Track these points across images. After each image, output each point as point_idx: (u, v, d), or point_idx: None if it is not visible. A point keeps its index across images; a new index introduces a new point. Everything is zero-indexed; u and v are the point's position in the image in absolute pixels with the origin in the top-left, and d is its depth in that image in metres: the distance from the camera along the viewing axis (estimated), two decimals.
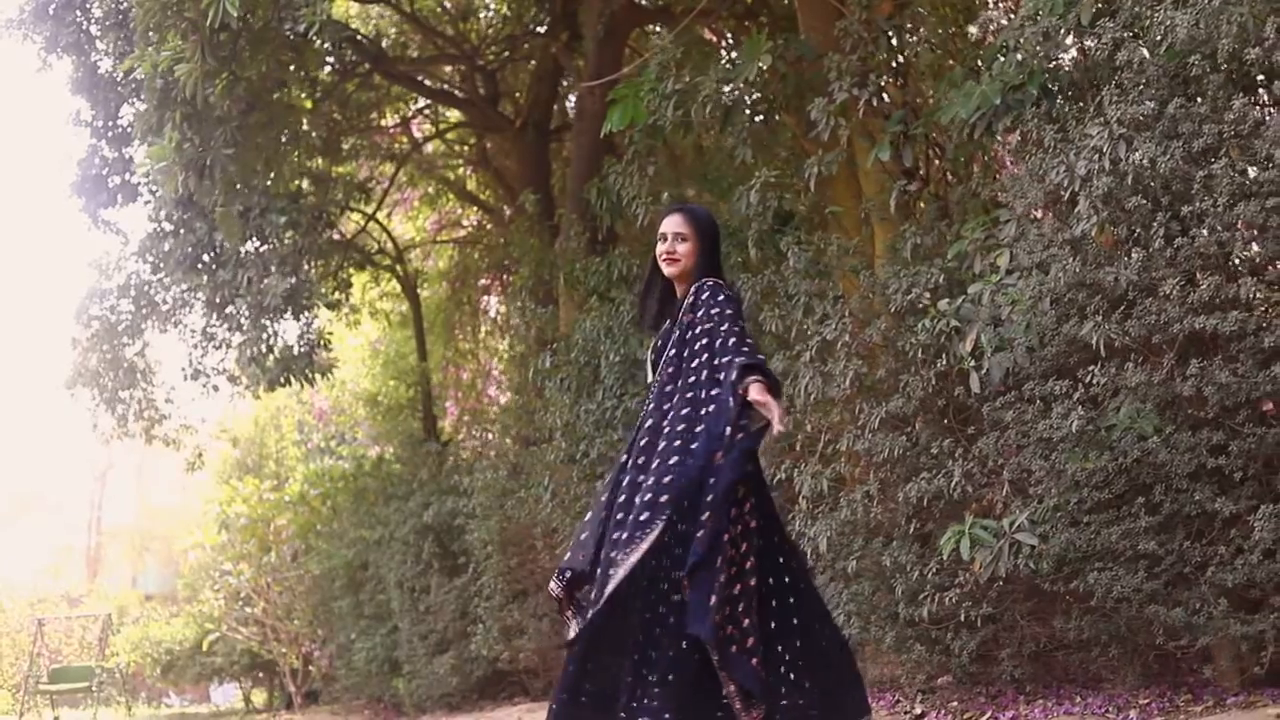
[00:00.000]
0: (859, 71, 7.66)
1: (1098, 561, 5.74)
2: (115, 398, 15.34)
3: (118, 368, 15.11)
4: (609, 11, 12.12)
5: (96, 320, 14.95)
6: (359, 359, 19.42)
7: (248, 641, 19.07)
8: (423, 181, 18.12)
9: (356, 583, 15.53)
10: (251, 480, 19.40)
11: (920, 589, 6.53)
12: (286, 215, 12.63)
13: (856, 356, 6.98)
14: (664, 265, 5.06)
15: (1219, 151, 5.21)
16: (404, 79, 15.34)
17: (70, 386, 15.38)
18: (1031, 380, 5.99)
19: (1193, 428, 5.42)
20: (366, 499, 15.69)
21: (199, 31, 8.22)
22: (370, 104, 16.07)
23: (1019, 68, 6.40)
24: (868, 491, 6.91)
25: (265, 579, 18.57)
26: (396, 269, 16.59)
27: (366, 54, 14.58)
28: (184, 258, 13.18)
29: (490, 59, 15.68)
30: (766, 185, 7.91)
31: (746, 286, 7.98)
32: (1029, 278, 5.98)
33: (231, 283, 12.84)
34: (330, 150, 15.00)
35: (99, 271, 15.07)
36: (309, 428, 20.24)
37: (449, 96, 16.18)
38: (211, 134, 9.49)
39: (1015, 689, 6.67)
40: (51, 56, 12.68)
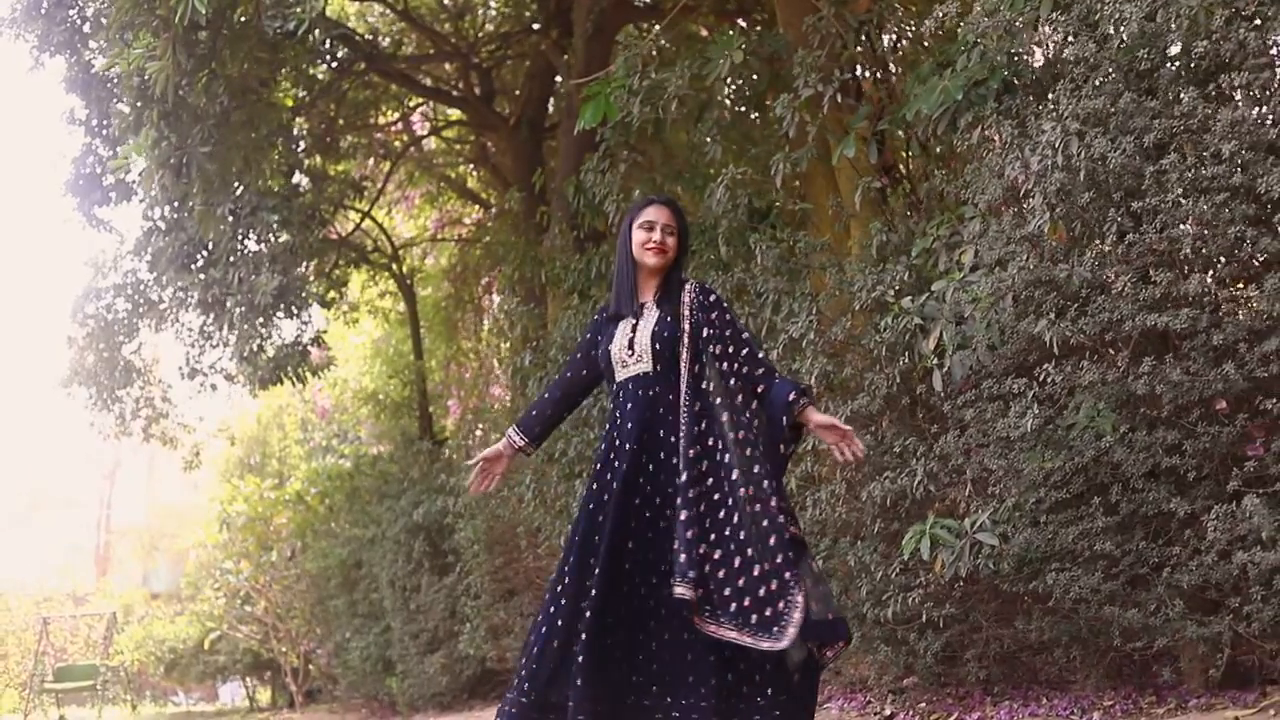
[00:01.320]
0: (824, 67, 7.59)
1: (1055, 562, 5.68)
2: (112, 396, 15.35)
3: (114, 366, 15.12)
4: (598, 9, 12.09)
5: (92, 319, 14.96)
6: (361, 357, 19.43)
7: (249, 640, 19.09)
8: (423, 179, 18.11)
9: (351, 581, 15.54)
10: (252, 479, 19.42)
11: (885, 589, 6.48)
12: (278, 214, 12.61)
13: (823, 354, 6.93)
14: (650, 255, 4.97)
15: (1170, 147, 5.14)
16: (399, 77, 15.33)
17: (67, 385, 15.40)
18: (990, 379, 5.92)
19: (1148, 427, 5.36)
20: (361, 498, 15.69)
21: (171, 29, 8.17)
22: (368, 102, 16.08)
23: (981, 62, 6.33)
24: (833, 490, 6.85)
25: (264, 578, 18.59)
26: (392, 267, 16.57)
27: (361, 52, 14.56)
28: (175, 256, 13.15)
29: (485, 57, 15.66)
30: (734, 182, 7.85)
31: (717, 284, 7.93)
32: (990, 275, 5.92)
33: (222, 281, 12.82)
34: (328, 148, 15.00)
35: (95, 270, 15.09)
36: (312, 426, 20.24)
37: (445, 95, 16.17)
38: (189, 132, 9.46)
39: (983, 690, 6.62)
40: (44, 55, 12.65)
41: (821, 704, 7.57)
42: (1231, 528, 5.02)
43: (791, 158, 7.66)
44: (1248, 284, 5.23)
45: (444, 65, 16.10)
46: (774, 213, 8.47)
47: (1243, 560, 4.96)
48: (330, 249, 14.38)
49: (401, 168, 17.81)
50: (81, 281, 15.19)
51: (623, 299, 5.01)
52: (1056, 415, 5.64)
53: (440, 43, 15.51)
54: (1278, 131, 4.91)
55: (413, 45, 16.22)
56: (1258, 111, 4.95)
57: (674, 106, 8.00)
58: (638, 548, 4.67)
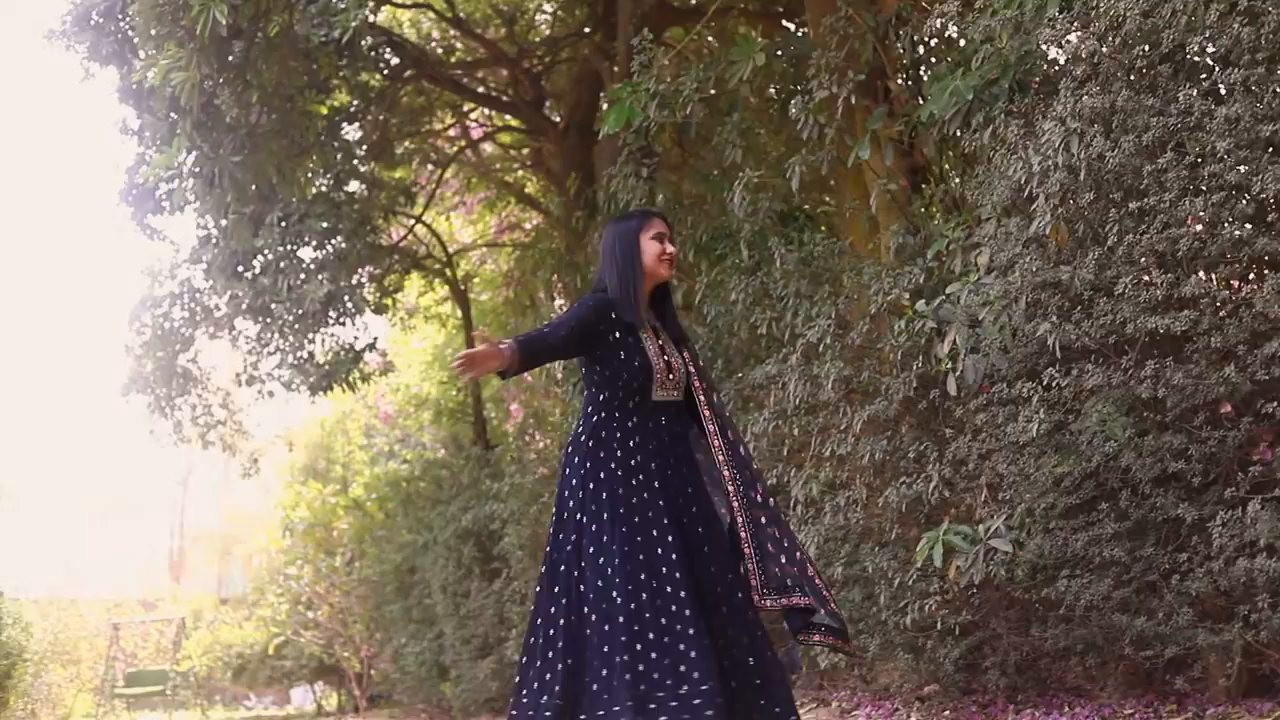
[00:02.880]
0: (841, 69, 7.52)
1: (1066, 569, 5.60)
2: (170, 404, 15.47)
3: (171, 374, 15.24)
4: (639, 12, 12.03)
5: (149, 327, 15.07)
6: (422, 363, 19.50)
7: (312, 645, 19.22)
8: (481, 185, 18.14)
9: (405, 587, 15.61)
10: (315, 484, 19.54)
11: (903, 596, 6.41)
12: (325, 220, 12.67)
13: (841, 359, 6.86)
14: (664, 268, 5.10)
15: (1169, 145, 5.05)
16: (450, 83, 15.35)
17: (125, 393, 15.54)
18: (1001, 383, 5.85)
19: (1155, 431, 5.26)
20: (416, 503, 15.74)
21: (195, 40, 8.23)
22: (422, 109, 16.12)
23: (991, 62, 6.25)
24: (850, 496, 6.79)
25: (325, 583, 18.71)
26: (446, 273, 16.59)
27: (410, 59, 14.60)
28: (225, 264, 13.27)
29: (536, 62, 15.65)
30: (755, 185, 7.80)
31: (739, 288, 7.89)
32: (1001, 277, 5.84)
33: (272, 288, 12.91)
34: (381, 154, 15.05)
35: (151, 278, 15.20)
36: (375, 431, 20.33)
37: (496, 100, 16.18)
38: (221, 142, 9.52)
39: (1006, 698, 6.53)
40: (94, 66, 12.76)
41: (849, 711, 7.51)
42: (1239, 534, 4.92)
43: (808, 160, 7.60)
44: (1247, 285, 5.12)
45: (495, 71, 16.10)
46: (800, 216, 8.41)
47: (1248, 568, 4.86)
48: (382, 255, 14.40)
49: (459, 173, 17.84)
50: (138, 290, 15.28)
51: (629, 308, 4.99)
52: (1068, 420, 5.56)
53: (490, 48, 15.52)
54: (1273, 128, 4.79)
55: (464, 52, 16.24)
56: (1254, 108, 4.83)
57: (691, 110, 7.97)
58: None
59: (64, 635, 21.92)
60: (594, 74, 14.58)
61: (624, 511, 4.79)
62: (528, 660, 4.83)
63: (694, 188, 10.13)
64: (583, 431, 5.00)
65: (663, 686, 4.50)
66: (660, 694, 4.48)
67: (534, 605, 4.96)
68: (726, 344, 8.52)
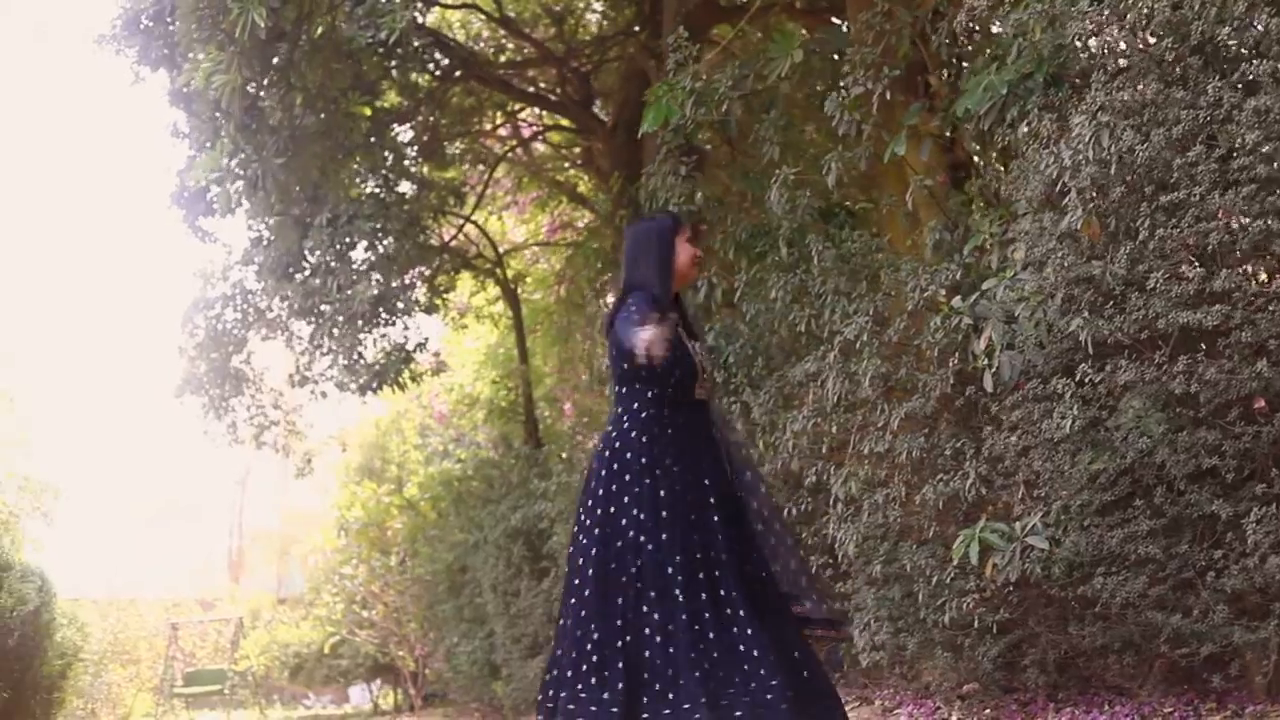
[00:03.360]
0: (876, 64, 7.48)
1: (1102, 566, 5.55)
2: (223, 405, 15.57)
3: (224, 375, 15.34)
4: (684, 10, 12.01)
5: (201, 329, 15.18)
6: (475, 363, 19.54)
7: (367, 644, 19.30)
8: (533, 185, 18.15)
9: (457, 586, 15.62)
10: (370, 484, 19.62)
11: (940, 594, 6.38)
12: (373, 221, 12.73)
13: (878, 356, 6.83)
14: (695, 270, 5.34)
15: (1198, 138, 5.00)
16: (498, 83, 15.37)
17: (179, 395, 15.64)
18: (1036, 379, 5.81)
19: (1189, 427, 5.21)
20: (467, 502, 15.76)
21: (236, 43, 8.28)
22: (472, 109, 16.16)
23: (1026, 56, 6.20)
24: (889, 494, 6.76)
25: (379, 583, 18.79)
26: (496, 273, 16.61)
27: (458, 59, 14.64)
28: (275, 265, 13.36)
29: (584, 61, 15.65)
30: (788, 182, 7.77)
31: (779, 285, 7.88)
32: (1035, 273, 5.80)
33: (322, 289, 12.98)
34: (432, 154, 15.11)
35: (204, 280, 15.30)
36: (430, 431, 20.36)
37: (544, 99, 16.18)
38: (264, 144, 9.57)
39: (1046, 696, 6.49)
40: (144, 70, 12.85)
41: (892, 709, 7.49)
42: (1274, 530, 4.88)
43: (844, 157, 7.56)
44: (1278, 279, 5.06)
45: (545, 70, 16.11)
46: (841, 212, 8.37)
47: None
48: (431, 256, 14.44)
49: (510, 173, 17.88)
50: (191, 292, 15.38)
51: (668, 308, 4.99)
52: (1103, 416, 5.51)
53: (539, 48, 15.54)
54: None
55: (513, 52, 16.27)
56: None
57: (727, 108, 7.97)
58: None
59: (123, 635, 22.15)
60: (641, 73, 14.56)
61: (682, 510, 4.83)
62: (577, 656, 4.79)
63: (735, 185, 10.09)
64: (632, 428, 4.99)
65: (731, 683, 4.53)
66: (731, 690, 4.51)
67: (574, 599, 4.93)
68: (767, 342, 8.50)
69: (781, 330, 8.08)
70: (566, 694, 4.76)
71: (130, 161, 53.32)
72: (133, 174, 52.80)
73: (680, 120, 8.15)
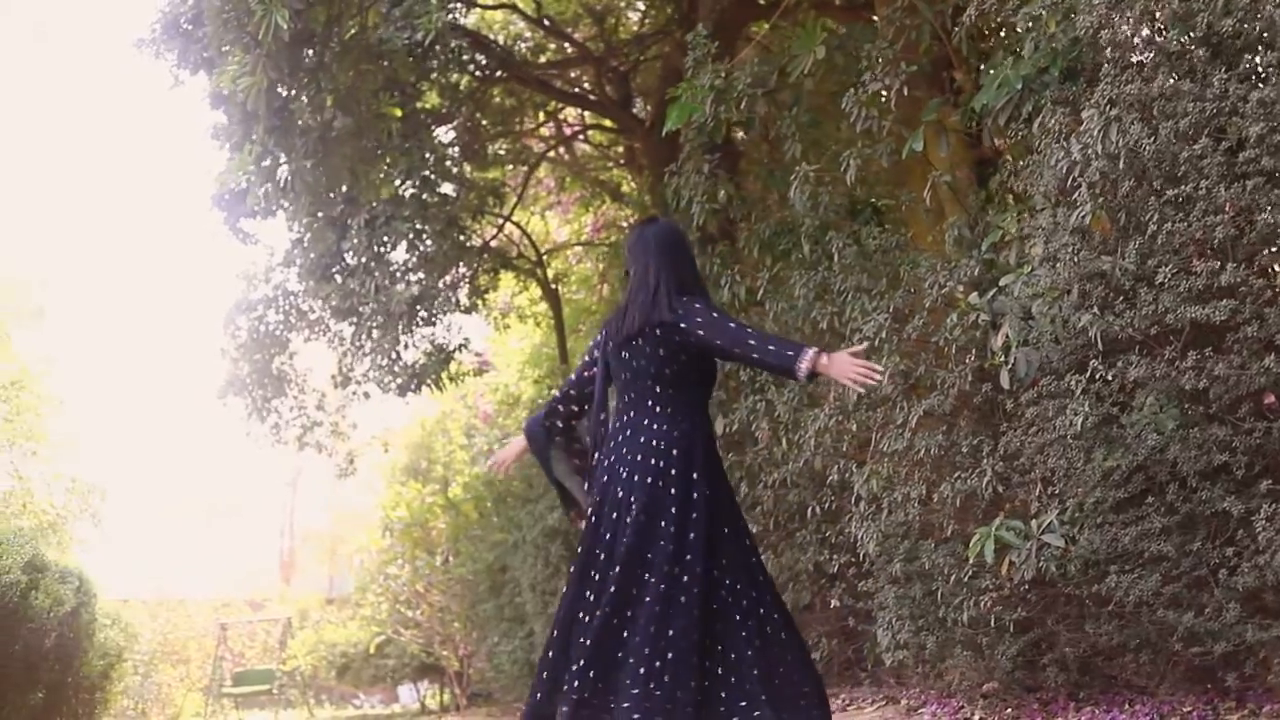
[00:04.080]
0: (893, 60, 7.43)
1: (1114, 564, 5.50)
2: (266, 406, 15.65)
3: (267, 377, 15.42)
4: (719, 8, 11.98)
5: (244, 330, 15.26)
6: (519, 362, 19.56)
7: (413, 644, 19.35)
8: (576, 185, 18.15)
9: (498, 586, 15.66)
10: (415, 484, 19.67)
11: (958, 593, 6.33)
12: (411, 222, 12.75)
13: (897, 353, 6.80)
14: None
15: (1205, 131, 4.94)
16: (536, 83, 15.37)
17: (222, 396, 15.73)
18: (1050, 375, 5.76)
19: (1201, 423, 5.15)
20: (508, 502, 15.78)
21: (261, 45, 8.32)
22: (513, 109, 16.17)
23: (1042, 50, 6.15)
24: (907, 492, 6.72)
25: (422, 583, 18.84)
26: (537, 273, 16.61)
27: (497, 59, 14.65)
28: (314, 266, 13.41)
29: (623, 60, 15.62)
30: (808, 179, 7.75)
31: (800, 283, 7.85)
32: (1050, 269, 5.75)
33: (359, 291, 13.03)
34: (473, 155, 15.12)
35: (246, 282, 15.39)
36: (475, 431, 20.39)
37: (582, 99, 16.17)
38: (293, 146, 9.61)
39: (1068, 695, 6.43)
40: (183, 72, 12.92)
41: (916, 709, 7.45)
42: None
43: (863, 154, 7.53)
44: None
45: (584, 70, 16.09)
46: (866, 209, 8.33)
47: None
48: (470, 256, 14.45)
49: (552, 172, 17.89)
50: (233, 293, 15.48)
51: None
52: (1116, 413, 5.46)
53: (578, 47, 15.53)
54: None
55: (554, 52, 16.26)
56: None
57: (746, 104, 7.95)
58: None
59: (173, 636, 22.31)
60: (678, 71, 14.55)
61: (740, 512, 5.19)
62: (651, 654, 4.78)
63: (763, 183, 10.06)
64: (704, 430, 5.20)
65: (789, 681, 4.85)
66: (789, 690, 4.83)
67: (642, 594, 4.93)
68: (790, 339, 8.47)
69: (805, 328, 8.05)
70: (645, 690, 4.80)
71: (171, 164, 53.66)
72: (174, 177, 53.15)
73: (701, 118, 8.14)
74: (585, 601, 4.96)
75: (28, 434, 17.48)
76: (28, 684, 9.90)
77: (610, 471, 5.08)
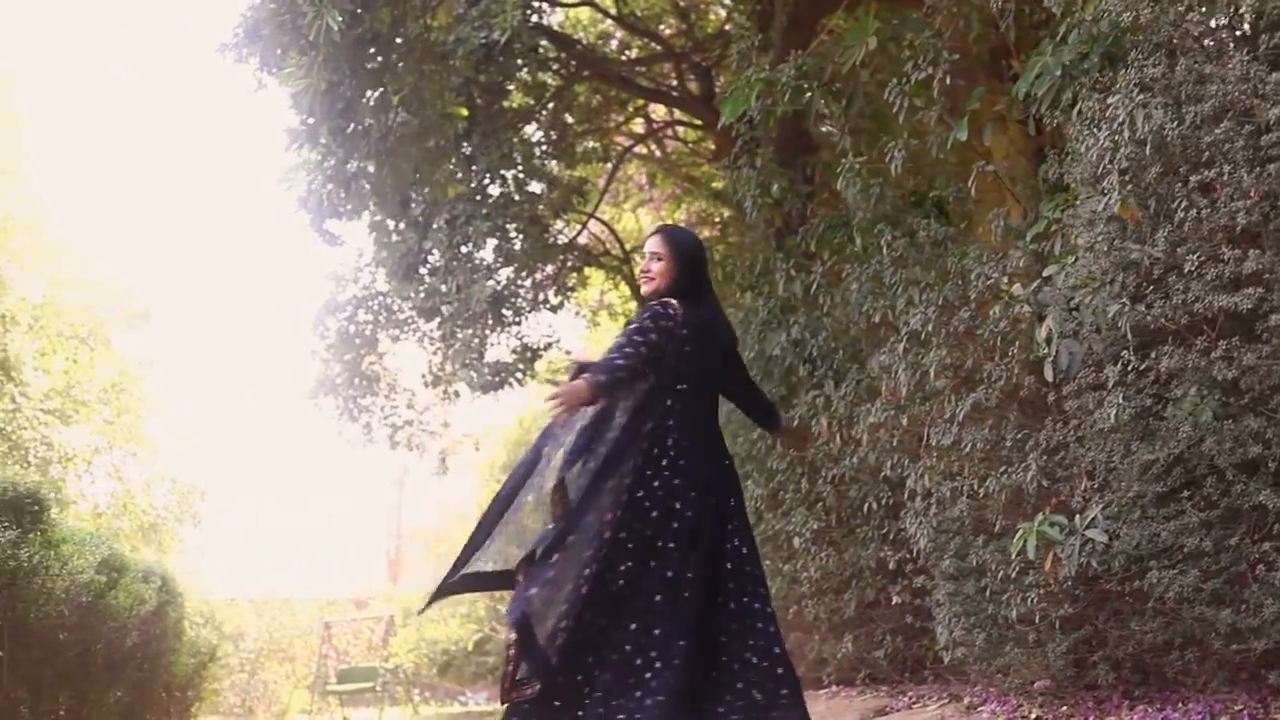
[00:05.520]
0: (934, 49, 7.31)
1: (1153, 560, 5.37)
2: (357, 406, 15.80)
3: (357, 376, 15.56)
4: (793, 1, 11.91)
5: (334, 331, 15.40)
6: None
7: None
8: (667, 182, 18.13)
9: None
10: None
11: (1004, 589, 6.23)
12: (490, 221, 12.81)
13: (945, 346, 6.70)
14: (640, 283, 5.24)
15: (1228, 114, 4.80)
16: (618, 81, 15.38)
17: (313, 397, 15.89)
18: (1088, 367, 5.64)
19: (1236, 415, 5.02)
20: None
21: (316, 47, 8.39)
22: (600, 107, 16.20)
23: (1083, 35, 6.03)
24: (955, 487, 6.63)
25: None
26: (623, 269, 16.62)
27: (577, 57, 14.68)
28: (398, 266, 13.52)
29: (705, 56, 15.59)
30: (854, 170, 7.66)
31: (854, 276, 7.77)
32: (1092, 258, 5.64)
33: (442, 290, 13.11)
34: (563, 154, 15.17)
35: (335, 283, 15.53)
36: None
37: (665, 95, 16.15)
38: (356, 147, 9.68)
39: (1122, 693, 6.30)
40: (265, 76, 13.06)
41: (976, 707, 7.34)
42: None
43: (910, 145, 7.43)
44: None
45: (666, 66, 16.08)
46: (927, 201, 8.21)
47: None
48: (554, 254, 14.49)
49: (642, 169, 17.89)
50: (322, 295, 15.63)
51: None
52: (1155, 405, 5.33)
53: (662, 44, 15.53)
54: None
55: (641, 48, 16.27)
56: None
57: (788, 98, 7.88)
58: None
59: (278, 634, 22.56)
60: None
61: None
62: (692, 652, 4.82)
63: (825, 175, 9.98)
64: None
65: None
66: None
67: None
68: (846, 334, 8.41)
69: (860, 322, 7.97)
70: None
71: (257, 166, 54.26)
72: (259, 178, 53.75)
73: (747, 112, 8.09)
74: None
75: (127, 436, 17.81)
76: (111, 682, 10.03)
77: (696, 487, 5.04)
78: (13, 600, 7.90)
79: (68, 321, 17.15)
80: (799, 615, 8.95)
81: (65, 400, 17.02)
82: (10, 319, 15.98)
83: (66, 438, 16.70)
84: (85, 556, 9.06)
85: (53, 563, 8.47)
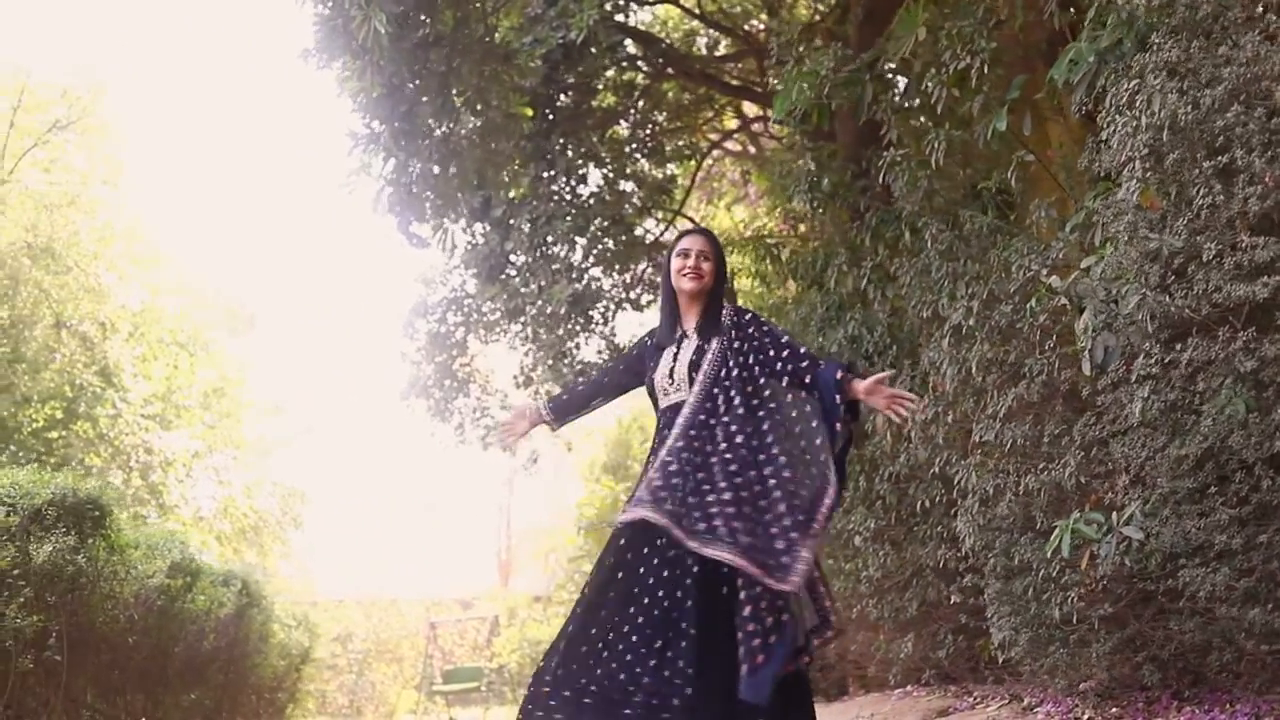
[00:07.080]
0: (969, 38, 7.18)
1: (1183, 558, 5.22)
2: (448, 407, 15.88)
3: (447, 377, 15.64)
4: None
5: (424, 333, 15.51)
6: None
7: None
8: (762, 178, 18.03)
9: None
10: (606, 481, 19.76)
11: (1045, 588, 6.11)
12: (570, 221, 12.81)
13: (987, 341, 6.58)
14: (686, 281, 5.19)
15: (1240, 97, 4.65)
16: (700, 77, 15.32)
17: (405, 398, 16.01)
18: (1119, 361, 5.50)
19: (1265, 408, 4.86)
20: None
21: (366, 50, 8.43)
22: (688, 105, 16.16)
23: (1115, 21, 5.88)
24: (998, 485, 6.50)
25: None
26: None
27: (659, 55, 14.65)
28: (481, 268, 13.57)
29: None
30: (896, 165, 7.55)
31: (902, 269, 7.66)
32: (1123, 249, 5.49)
33: (525, 292, 13.15)
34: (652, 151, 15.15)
35: (425, 285, 15.63)
36: None
37: (748, 91, 16.05)
38: (418, 149, 9.71)
39: (1171, 694, 6.14)
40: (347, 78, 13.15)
41: (1032, 708, 7.21)
42: None
43: (948, 135, 7.31)
44: None
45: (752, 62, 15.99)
46: (985, 192, 8.07)
47: None
48: (638, 253, 14.45)
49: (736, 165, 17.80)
50: (412, 296, 15.75)
51: (664, 328, 5.30)
52: (1185, 399, 5.18)
53: (745, 40, 15.45)
54: None
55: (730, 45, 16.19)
56: None
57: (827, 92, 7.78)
58: None
59: (385, 635, 22.80)
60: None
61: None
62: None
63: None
64: None
65: None
66: None
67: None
68: (899, 329, 8.29)
69: (913, 316, 7.86)
70: None
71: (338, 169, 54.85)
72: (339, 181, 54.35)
73: (793, 106, 8.01)
74: None
75: (228, 440, 18.11)
76: (189, 684, 10.17)
77: None
78: (75, 605, 7.98)
79: (167, 328, 17.47)
80: (862, 615, 8.86)
81: (166, 406, 17.35)
82: (110, 326, 16.31)
83: (167, 443, 17.01)
84: (155, 561, 9.17)
85: (118, 568, 8.56)
